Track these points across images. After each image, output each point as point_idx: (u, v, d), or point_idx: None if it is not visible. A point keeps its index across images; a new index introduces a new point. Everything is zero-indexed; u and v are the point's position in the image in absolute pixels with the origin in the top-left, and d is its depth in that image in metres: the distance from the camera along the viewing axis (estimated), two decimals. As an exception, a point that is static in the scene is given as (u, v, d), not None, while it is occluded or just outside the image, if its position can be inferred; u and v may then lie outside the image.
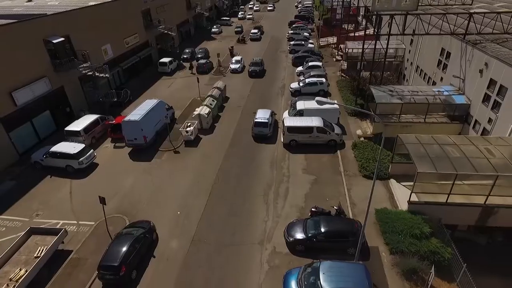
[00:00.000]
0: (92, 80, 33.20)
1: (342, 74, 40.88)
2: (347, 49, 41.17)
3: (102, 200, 18.02)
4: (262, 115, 27.94)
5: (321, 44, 55.54)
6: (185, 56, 49.38)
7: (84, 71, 30.88)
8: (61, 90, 30.51)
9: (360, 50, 32.26)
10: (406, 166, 20.86)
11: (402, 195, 19.80)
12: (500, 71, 21.57)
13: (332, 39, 54.64)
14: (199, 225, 19.28)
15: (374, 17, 47.49)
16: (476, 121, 24.08)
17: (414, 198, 18.49)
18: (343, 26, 52.26)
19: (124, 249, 15.95)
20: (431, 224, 17.52)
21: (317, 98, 12.84)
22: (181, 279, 16.18)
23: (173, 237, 18.53)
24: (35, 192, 22.74)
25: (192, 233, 18.73)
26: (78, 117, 29.59)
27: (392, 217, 18.04)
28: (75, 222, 19.90)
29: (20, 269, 15.92)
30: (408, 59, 38.18)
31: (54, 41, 28.51)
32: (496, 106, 21.99)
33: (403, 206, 19.07)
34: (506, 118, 20.84)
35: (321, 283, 13.82)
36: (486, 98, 23.03)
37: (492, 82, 22.47)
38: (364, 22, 56.83)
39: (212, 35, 65.05)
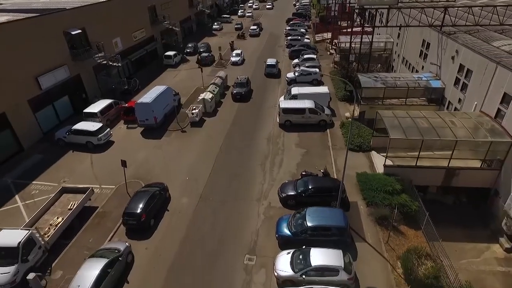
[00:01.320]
0: (105, 69, 36.50)
1: (335, 66, 44.15)
2: (339, 43, 44.58)
3: (124, 163, 21.30)
4: (270, 61, 42.90)
5: (317, 40, 58.84)
6: (188, 50, 52.64)
7: (99, 60, 34.12)
8: (78, 78, 33.76)
9: (352, 44, 35.57)
10: (385, 139, 24.08)
11: (380, 162, 23.07)
12: (467, 57, 24.90)
13: (327, 35, 57.90)
14: (205, 187, 22.56)
15: (367, 13, 50.96)
16: (449, 102, 27.38)
17: (388, 162, 21.77)
18: (338, 23, 55.53)
19: (144, 201, 19.21)
20: (403, 183, 20.79)
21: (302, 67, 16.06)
22: (192, 226, 19.45)
23: (184, 196, 21.80)
24: (60, 163, 25.96)
25: (199, 193, 22.01)
26: (92, 102, 32.83)
27: (370, 178, 21.34)
28: (98, 186, 23.11)
29: (57, 218, 19.16)
30: (395, 52, 41.49)
31: (73, 33, 31.76)
32: (464, 87, 25.32)
33: (380, 170, 22.37)
34: (471, 97, 24.16)
35: (306, 222, 17.10)
36: (457, 81, 26.34)
37: (461, 67, 25.80)
38: (358, 19, 60.15)
39: (213, 31, 68.31)
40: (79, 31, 32.56)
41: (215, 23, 71.05)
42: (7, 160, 26.01)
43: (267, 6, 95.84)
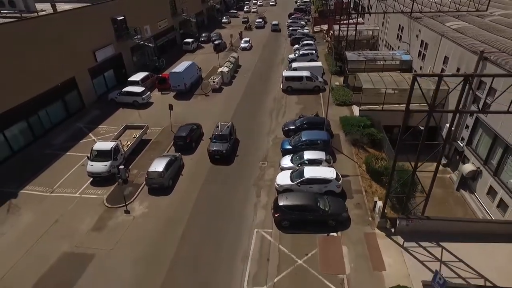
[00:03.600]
0: (140, 50, 45.06)
1: (330, 50, 52.59)
2: (334, 31, 53.06)
3: (170, 107, 29.79)
4: (274, 22, 63.42)
5: (315, 31, 67.37)
6: (202, 39, 61.27)
7: (137, 41, 42.70)
8: (119, 55, 42.31)
9: (345, 32, 44.08)
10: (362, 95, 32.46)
11: (357, 111, 31.43)
12: (426, 34, 33.36)
13: (325, 27, 66.38)
14: (228, 127, 30.97)
15: (359, 7, 59.76)
16: (414, 70, 35.76)
17: (363, 107, 30.16)
18: (335, 17, 63.93)
19: (188, 129, 27.72)
20: (373, 122, 29.06)
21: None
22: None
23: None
24: (114, 116, 34.39)
25: (224, 131, 30.43)
26: (130, 76, 41.22)
27: (349, 118, 29.71)
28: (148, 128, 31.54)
29: (127, 141, 27.61)
30: (380, 37, 50.01)
31: (118, 18, 40.36)
32: (423, 57, 33.71)
33: (357, 114, 30.75)
34: (427, 64, 32.55)
35: (301, 137, 25.52)
36: (419, 54, 34.74)
37: (422, 42, 34.21)
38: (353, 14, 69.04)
39: (222, 24, 76.98)
40: (122, 17, 41.15)
41: (224, 17, 79.74)
42: (75, 113, 34.51)
43: (271, 3, 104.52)
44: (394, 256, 17.08)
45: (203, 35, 62.37)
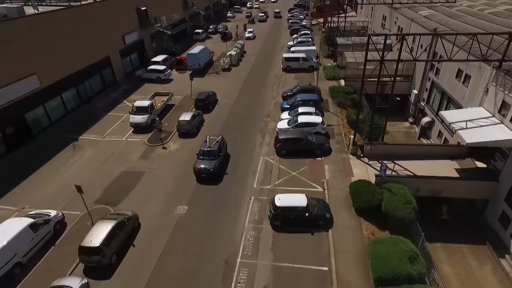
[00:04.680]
0: (158, 37, 52.32)
1: (324, 39, 59.76)
2: (328, 23, 60.21)
3: (191, 77, 37.01)
4: (276, 10, 77.85)
5: (313, 23, 74.56)
6: (210, 30, 68.47)
7: (158, 29, 49.92)
8: (141, 41, 49.53)
9: (338, 24, 51.29)
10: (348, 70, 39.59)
11: (343, 83, 38.55)
12: (401, 20, 40.56)
13: (321, 20, 73.56)
14: (237, 96, 38.15)
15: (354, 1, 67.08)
16: (392, 50, 42.85)
17: (348, 79, 37.30)
18: (332, 12, 71.14)
19: (206, 94, 34.86)
20: (355, 90, 36.14)
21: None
22: (232, 112, 34.90)
23: (224, 100, 37.37)
24: (141, 89, 41.51)
25: (233, 99, 37.61)
26: (150, 59, 48.36)
27: (336, 88, 36.83)
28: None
29: (157, 103, 34.75)
30: (369, 28, 57.22)
31: (141, 8, 47.60)
32: (399, 40, 40.80)
33: (343, 84, 37.90)
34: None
35: (297, 98, 32.67)
36: (397, 38, 41.87)
37: (399, 28, 41.39)
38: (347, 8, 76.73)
39: (227, 18, 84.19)
40: (145, 7, 48.40)
41: (229, 12, 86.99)
42: (109, 86, 41.71)
43: (272, 0, 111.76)
44: (360, 169, 24.21)
45: (211, 27, 69.61)
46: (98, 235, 17.45)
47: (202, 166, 23.94)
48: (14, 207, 22.05)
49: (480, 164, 23.19)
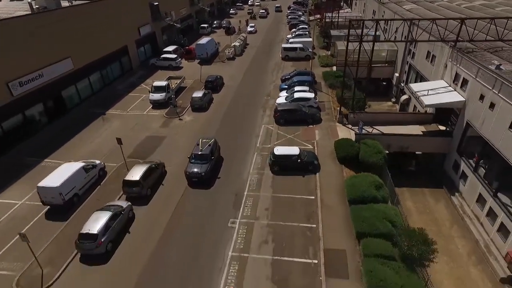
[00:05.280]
0: (168, 30, 57.69)
1: (320, 32, 65.13)
2: (324, 18, 65.57)
3: (200, 63, 42.29)
4: (277, 5, 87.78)
5: (311, 19, 79.88)
6: (214, 25, 73.85)
7: (168, 22, 55.29)
8: (153, 33, 54.88)
9: (333, 19, 56.59)
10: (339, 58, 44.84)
11: (335, 68, 43.84)
12: (387, 13, 45.90)
13: (319, 16, 78.88)
14: (240, 81, 43.48)
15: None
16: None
17: (339, 65, 42.57)
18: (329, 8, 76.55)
19: (215, 77, 40.21)
20: (346, 75, 41.42)
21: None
22: (237, 93, 40.24)
23: (230, 83, 42.69)
24: (155, 75, 46.78)
25: (238, 82, 42.93)
26: (161, 50, 53.67)
27: (329, 72, 42.17)
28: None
29: (173, 85, 40.05)
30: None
31: (154, 4, 52.98)
32: (386, 31, 46.16)
33: (334, 69, 43.24)
34: (387, 35, 45.01)
35: (293, 79, 37.99)
36: (384, 29, 47.21)
37: (386, 21, 46.67)
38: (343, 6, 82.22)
39: (230, 15, 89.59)
40: (157, 3, 53.77)
41: (232, 9, 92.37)
42: (127, 72, 47.05)
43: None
44: (344, 132, 29.49)
45: (215, 22, 74.98)
46: (137, 173, 22.76)
47: (194, 170, 23.44)
48: (62, 161, 27.29)
49: (443, 128, 28.46)
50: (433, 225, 22.85)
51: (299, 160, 24.42)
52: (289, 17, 77.60)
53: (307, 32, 60.36)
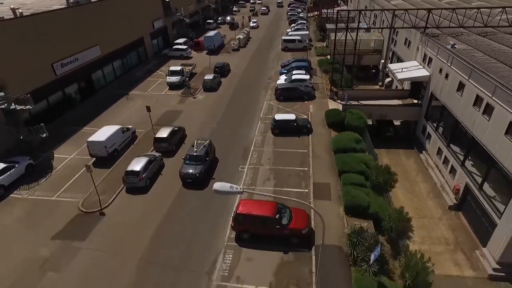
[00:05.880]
0: (178, 24, 63.66)
1: (317, 27, 71.04)
2: (322, 14, 71.46)
3: (210, 54, 48.17)
4: (279, 1, 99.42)
5: (309, 16, 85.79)
6: (219, 21, 79.82)
7: (179, 17, 61.24)
8: (165, 27, 60.82)
9: (330, 15, 62.46)
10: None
11: (329, 57, 49.64)
12: (375, 7, 51.75)
13: (317, 13, 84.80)
14: (245, 68, 49.35)
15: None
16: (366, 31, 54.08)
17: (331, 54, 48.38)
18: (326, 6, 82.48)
19: (222, 64, 46.07)
20: (338, 62, 47.27)
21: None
22: (242, 77, 46.14)
23: (236, 69, 48.55)
24: (168, 63, 52.58)
25: (243, 69, 48.80)
26: (173, 42, 59.54)
27: (323, 60, 47.95)
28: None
29: (186, 70, 45.93)
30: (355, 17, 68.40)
31: (167, 0, 58.93)
32: (374, 24, 52.06)
33: (329, 58, 49.07)
34: (377, 26, 50.92)
35: (292, 65, 43.84)
36: (373, 23, 53.08)
37: (375, 15, 52.55)
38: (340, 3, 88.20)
39: (233, 12, 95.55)
40: (168, 0, 59.75)
41: (235, 7, 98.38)
42: (143, 61, 52.97)
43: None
44: (334, 105, 35.27)
45: (219, 18, 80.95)
46: (165, 132, 28.60)
47: (188, 171, 23.99)
48: (98, 128, 33.14)
49: (416, 101, 34.22)
50: (403, 174, 28.59)
51: (295, 124, 30.23)
52: (289, 13, 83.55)
53: (305, 27, 66.25)
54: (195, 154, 24.89)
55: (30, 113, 30.76)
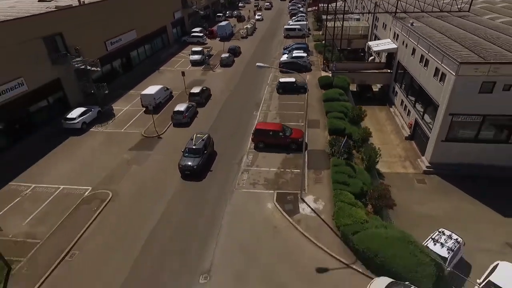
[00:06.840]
0: (193, 16, 74.05)
1: (315, 18, 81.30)
2: (319, 7, 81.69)
3: (223, 40, 58.42)
4: None
5: (309, 10, 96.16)
6: (227, 14, 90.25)
7: (195, 9, 71.60)
8: (182, 18, 71.06)
9: (325, 8, 72.66)
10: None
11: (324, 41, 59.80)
12: (366, 3, 62.02)
13: (316, 8, 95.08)
14: (253, 52, 59.56)
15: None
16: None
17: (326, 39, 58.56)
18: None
19: (234, 47, 56.30)
20: (331, 45, 57.36)
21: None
22: (249, 62, 56.33)
23: (245, 52, 58.75)
24: (187, 48, 62.87)
25: (252, 52, 59.02)
26: (189, 31, 69.72)
27: (319, 44, 58.12)
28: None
29: (205, 50, 56.10)
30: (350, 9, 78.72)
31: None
32: (366, 18, 62.26)
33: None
34: (365, 19, 61.11)
35: (293, 46, 54.04)
36: (360, 11, 63.26)
37: (362, 7, 62.78)
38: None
39: (239, 7, 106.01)
40: None
41: (240, 2, 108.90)
42: (165, 46, 63.22)
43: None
44: (327, 75, 45.41)
45: (227, 12, 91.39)
46: (197, 88, 38.83)
47: (186, 163, 25.48)
48: (140, 91, 43.26)
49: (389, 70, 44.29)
50: (375, 121, 38.62)
51: (295, 85, 40.38)
52: (290, 8, 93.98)
53: (304, 19, 76.56)
54: (194, 147, 26.43)
55: (102, 72, 41.71)
